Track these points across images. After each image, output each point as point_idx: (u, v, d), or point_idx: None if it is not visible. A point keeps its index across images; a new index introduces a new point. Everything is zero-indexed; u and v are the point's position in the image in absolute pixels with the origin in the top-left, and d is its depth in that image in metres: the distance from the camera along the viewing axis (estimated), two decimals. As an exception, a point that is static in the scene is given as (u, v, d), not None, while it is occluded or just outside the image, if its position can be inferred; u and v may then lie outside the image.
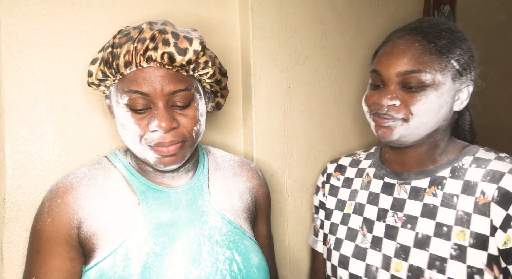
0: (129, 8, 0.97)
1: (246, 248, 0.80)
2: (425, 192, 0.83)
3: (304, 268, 1.24)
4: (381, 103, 0.81)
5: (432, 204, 0.81)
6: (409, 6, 1.59)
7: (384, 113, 0.81)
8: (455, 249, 0.74)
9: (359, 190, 0.96)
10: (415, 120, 0.79)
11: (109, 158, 0.83)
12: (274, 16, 1.16)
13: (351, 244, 0.89)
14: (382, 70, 0.82)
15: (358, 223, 0.91)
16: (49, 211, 0.74)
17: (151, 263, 0.71)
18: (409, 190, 0.85)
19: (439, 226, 0.78)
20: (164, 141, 0.72)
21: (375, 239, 0.86)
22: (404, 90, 0.80)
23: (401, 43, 0.81)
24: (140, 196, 0.78)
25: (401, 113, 0.79)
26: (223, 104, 0.91)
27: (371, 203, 0.91)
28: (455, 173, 0.81)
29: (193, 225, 0.78)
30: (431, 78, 0.78)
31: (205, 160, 0.90)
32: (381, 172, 0.93)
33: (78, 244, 0.74)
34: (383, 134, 0.83)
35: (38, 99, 0.87)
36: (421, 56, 0.78)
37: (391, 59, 0.81)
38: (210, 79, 0.80)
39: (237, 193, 0.88)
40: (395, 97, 0.80)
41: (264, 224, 0.99)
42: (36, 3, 0.87)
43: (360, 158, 1.04)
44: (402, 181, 0.88)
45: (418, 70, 0.78)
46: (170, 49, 0.71)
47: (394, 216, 0.85)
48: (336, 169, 1.06)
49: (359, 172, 1.00)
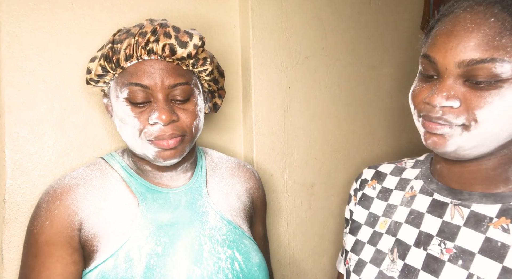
0: (129, 8, 0.97)
1: (246, 247, 0.81)
2: (491, 222, 0.62)
3: (304, 268, 1.24)
4: (432, 102, 0.59)
5: (500, 241, 0.60)
6: (409, 6, 1.59)
7: (438, 117, 0.60)
8: None
9: (398, 206, 0.76)
10: (480, 129, 0.58)
11: (106, 159, 0.83)
12: (274, 16, 1.16)
13: (375, 269, 0.72)
14: (438, 56, 0.59)
15: (389, 245, 0.72)
16: (47, 213, 0.72)
17: (154, 264, 0.71)
18: (467, 214, 0.65)
19: (507, 272, 0.57)
20: (164, 133, 0.72)
21: (406, 268, 0.67)
22: (468, 86, 0.58)
23: (468, 18, 0.57)
24: (140, 197, 0.78)
25: (462, 118, 0.58)
26: (220, 105, 0.91)
27: (410, 223, 0.71)
28: None
29: (194, 225, 0.78)
30: (511, 69, 0.55)
31: (202, 161, 0.90)
32: (431, 186, 0.72)
33: (80, 247, 0.73)
34: (433, 144, 0.62)
35: (38, 99, 0.87)
36: (498, 38, 0.55)
37: (451, 42, 0.58)
38: (208, 77, 0.81)
39: (234, 193, 0.89)
40: (453, 96, 0.58)
41: (260, 225, 0.99)
42: (36, 3, 0.87)
43: (406, 166, 0.82)
44: (459, 202, 0.67)
45: (491, 59, 0.55)
46: (171, 41, 0.72)
47: (441, 245, 0.65)
48: (373, 176, 0.85)
49: (401, 183, 0.79)
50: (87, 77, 0.78)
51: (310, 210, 1.25)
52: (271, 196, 1.16)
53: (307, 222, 1.24)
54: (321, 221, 1.27)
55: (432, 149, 0.64)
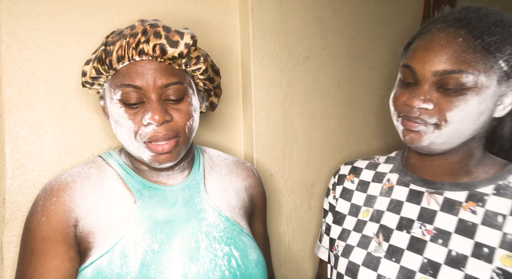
0: (129, 8, 0.98)
1: (244, 244, 0.81)
2: (461, 206, 0.74)
3: (304, 268, 1.24)
4: (412, 104, 0.72)
5: (470, 221, 0.72)
6: (409, 6, 1.59)
7: (416, 117, 0.72)
8: (499, 274, 0.67)
9: (378, 196, 0.87)
10: (449, 128, 0.70)
11: (103, 157, 0.83)
12: (274, 16, 1.16)
13: (363, 251, 0.81)
14: (417, 66, 0.72)
15: (374, 230, 0.83)
16: (43, 210, 0.73)
17: (149, 260, 0.71)
18: (442, 201, 0.77)
19: (478, 246, 0.70)
20: (157, 134, 0.73)
21: (391, 249, 0.78)
22: (440, 92, 0.70)
23: (442, 37, 0.71)
24: (136, 194, 0.78)
25: (434, 118, 0.71)
26: (217, 103, 0.91)
27: (391, 210, 0.83)
28: (500, 191, 0.73)
29: (190, 222, 0.78)
30: (474, 80, 0.67)
31: (200, 159, 0.90)
32: (406, 178, 0.85)
33: (75, 243, 0.73)
34: (411, 140, 0.74)
35: (38, 99, 0.87)
36: (464, 54, 0.68)
37: (428, 55, 0.71)
38: (202, 76, 0.81)
39: (233, 191, 0.89)
40: (428, 100, 0.70)
41: (261, 223, 0.99)
42: (36, 3, 0.87)
43: (379, 161, 0.95)
44: (433, 190, 0.79)
45: (459, 71, 0.67)
46: (161, 41, 0.72)
47: (422, 228, 0.77)
48: (350, 171, 0.97)
49: (377, 176, 0.91)
50: (82, 80, 0.78)
51: (310, 210, 1.25)
52: (271, 196, 1.16)
53: (307, 222, 1.24)
54: (321, 221, 1.27)
55: (409, 144, 0.76)
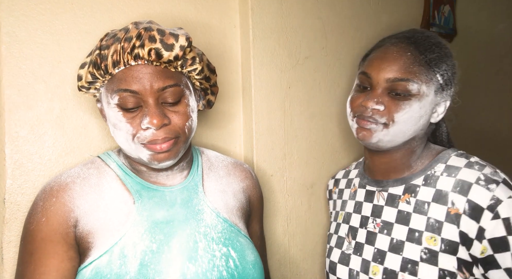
0: (129, 8, 0.97)
1: (241, 245, 0.81)
2: (400, 199, 0.87)
3: (304, 268, 1.24)
4: (366, 105, 0.83)
5: (405, 211, 0.85)
6: (409, 6, 1.59)
7: (369, 116, 0.84)
8: (425, 253, 0.79)
9: (348, 200, 1.01)
10: (395, 127, 0.82)
11: (102, 158, 0.83)
12: (274, 16, 1.16)
13: (338, 251, 0.95)
14: (373, 73, 0.84)
15: (345, 231, 0.97)
16: (43, 210, 0.73)
17: (148, 261, 0.71)
18: (386, 197, 0.90)
19: (411, 231, 0.82)
20: (157, 138, 0.73)
21: (357, 245, 0.91)
22: (390, 96, 0.83)
23: (394, 50, 0.84)
24: (135, 195, 0.78)
25: (384, 118, 0.82)
26: (214, 101, 0.91)
27: (356, 211, 0.96)
28: (427, 181, 0.84)
29: (189, 223, 0.78)
30: (417, 88, 0.81)
31: (198, 160, 0.90)
32: (364, 181, 0.98)
33: (75, 243, 0.73)
34: (363, 137, 0.86)
35: (38, 99, 0.87)
36: (411, 66, 0.81)
37: (383, 64, 0.83)
38: (199, 76, 0.81)
39: (231, 192, 0.89)
40: (380, 102, 0.82)
41: (257, 224, 0.99)
42: (36, 3, 0.87)
43: (351, 168, 1.09)
44: (381, 189, 0.92)
45: (406, 79, 0.81)
46: (156, 45, 0.71)
47: (373, 222, 0.90)
48: (334, 184, 1.12)
49: (348, 183, 1.05)
50: (78, 84, 0.78)
51: (310, 210, 1.25)
52: (271, 196, 1.16)
53: (307, 222, 1.24)
54: (321, 221, 1.28)
55: (361, 140, 0.87)
